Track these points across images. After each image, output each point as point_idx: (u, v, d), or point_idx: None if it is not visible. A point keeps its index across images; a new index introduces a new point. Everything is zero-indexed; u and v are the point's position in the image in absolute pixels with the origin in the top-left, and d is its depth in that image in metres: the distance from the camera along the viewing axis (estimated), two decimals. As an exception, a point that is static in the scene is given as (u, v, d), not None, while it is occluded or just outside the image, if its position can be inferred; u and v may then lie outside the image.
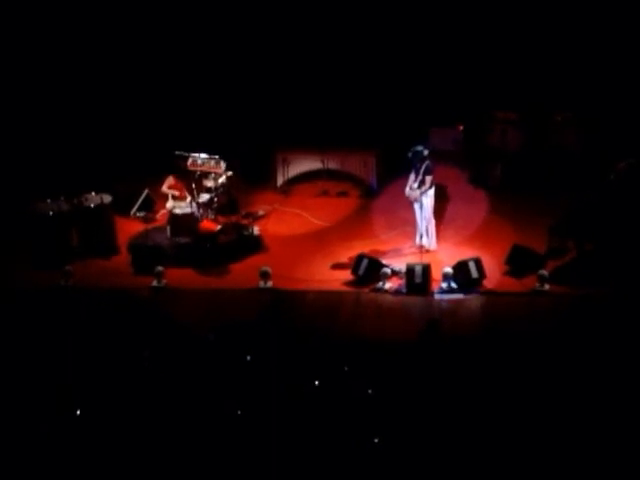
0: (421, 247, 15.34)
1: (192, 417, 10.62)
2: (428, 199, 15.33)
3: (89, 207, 15.86)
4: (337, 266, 15.27)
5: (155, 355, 12.02)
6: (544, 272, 14.36)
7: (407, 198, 15.49)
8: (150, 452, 10.05)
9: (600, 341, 12.40)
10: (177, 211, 15.95)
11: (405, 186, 15.44)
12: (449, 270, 14.49)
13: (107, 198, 16.11)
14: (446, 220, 16.56)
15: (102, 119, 19.72)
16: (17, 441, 10.27)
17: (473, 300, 14.25)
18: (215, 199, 16.27)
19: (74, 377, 11.48)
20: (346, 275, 14.96)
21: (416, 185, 15.24)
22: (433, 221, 15.58)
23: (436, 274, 14.60)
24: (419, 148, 15.33)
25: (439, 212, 15.94)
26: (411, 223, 15.75)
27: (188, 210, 15.90)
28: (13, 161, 18.64)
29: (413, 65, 19.57)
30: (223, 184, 16.47)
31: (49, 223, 15.65)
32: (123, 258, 15.76)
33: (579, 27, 18.69)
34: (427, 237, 15.47)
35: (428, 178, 15.20)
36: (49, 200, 15.93)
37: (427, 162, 15.23)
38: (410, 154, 15.33)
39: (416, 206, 15.42)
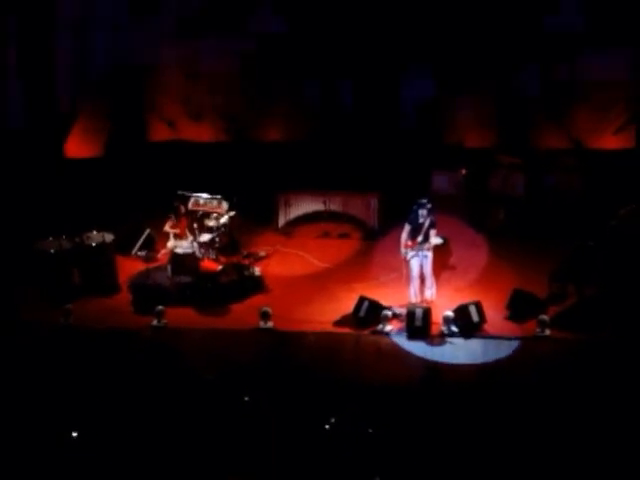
0: (422, 302, 14.97)
1: (190, 457, 10.60)
2: (431, 252, 14.95)
3: (91, 246, 15.85)
4: (338, 308, 15.17)
5: (153, 396, 12.02)
6: (545, 317, 14.32)
7: (404, 255, 14.98)
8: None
9: (601, 387, 12.36)
10: (178, 251, 15.93)
11: (400, 242, 14.99)
12: (450, 314, 14.45)
13: (109, 237, 16.10)
14: (447, 264, 16.53)
15: (104, 158, 19.81)
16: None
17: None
18: (217, 239, 16.30)
19: (71, 415, 11.47)
20: (347, 317, 14.90)
21: (420, 239, 14.79)
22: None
23: (437, 317, 14.57)
24: (424, 201, 14.94)
25: (440, 256, 15.83)
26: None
27: (189, 250, 15.89)
28: (16, 200, 18.65)
29: (417, 110, 19.70)
30: (225, 224, 16.51)
31: (51, 261, 15.63)
32: (124, 297, 15.72)
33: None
34: (430, 289, 15.20)
35: (433, 232, 14.83)
36: (51, 238, 15.92)
37: (431, 216, 14.88)
38: (415, 207, 14.90)
39: (415, 261, 14.92)
